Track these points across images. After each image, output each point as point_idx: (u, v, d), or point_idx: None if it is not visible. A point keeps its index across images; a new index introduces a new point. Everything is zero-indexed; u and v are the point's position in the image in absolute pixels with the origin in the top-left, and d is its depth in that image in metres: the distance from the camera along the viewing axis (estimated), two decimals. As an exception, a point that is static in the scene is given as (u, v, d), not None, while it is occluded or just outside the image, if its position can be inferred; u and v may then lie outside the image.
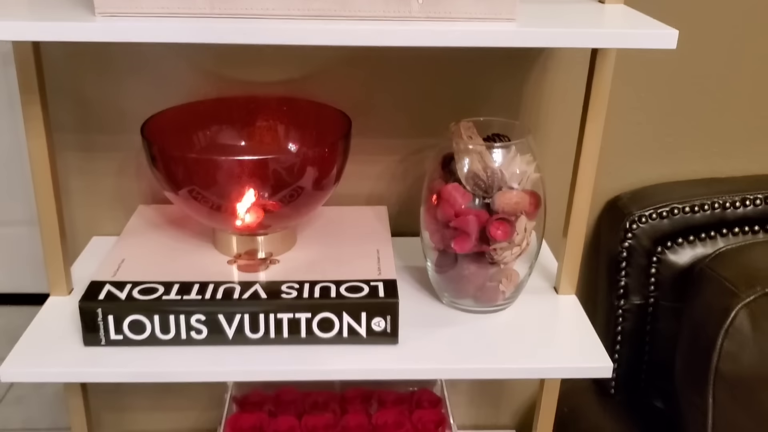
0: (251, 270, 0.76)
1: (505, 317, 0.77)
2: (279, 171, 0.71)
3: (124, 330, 0.69)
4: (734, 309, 0.72)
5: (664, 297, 0.86)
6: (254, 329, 0.70)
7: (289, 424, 0.91)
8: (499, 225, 0.71)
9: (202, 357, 0.69)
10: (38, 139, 0.70)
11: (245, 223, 0.75)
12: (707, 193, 0.86)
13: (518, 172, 0.72)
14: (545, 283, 0.82)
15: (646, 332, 0.88)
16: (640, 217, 0.85)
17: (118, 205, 0.91)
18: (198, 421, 1.04)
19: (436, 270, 0.78)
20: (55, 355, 0.69)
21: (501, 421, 1.06)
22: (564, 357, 0.71)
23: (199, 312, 0.69)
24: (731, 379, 0.71)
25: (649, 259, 0.86)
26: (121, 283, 0.71)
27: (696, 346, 0.75)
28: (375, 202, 0.92)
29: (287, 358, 0.69)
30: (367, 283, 0.72)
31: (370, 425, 0.92)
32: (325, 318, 0.70)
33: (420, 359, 0.70)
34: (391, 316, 0.70)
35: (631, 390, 0.92)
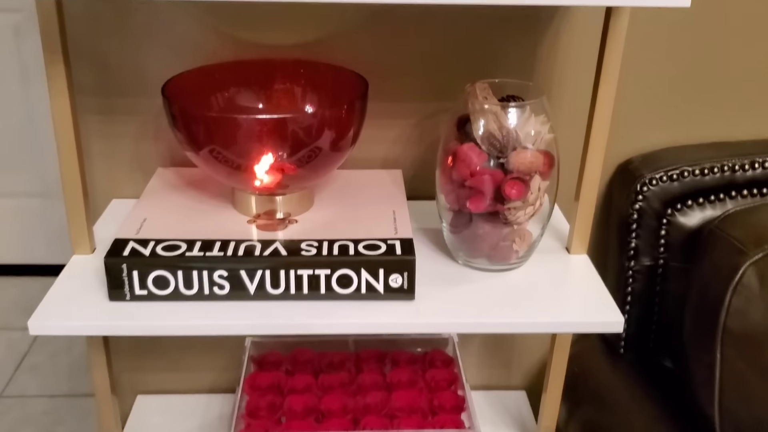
0: (270, 229, 0.77)
1: (518, 276, 0.78)
2: (297, 131, 0.72)
3: (148, 285, 0.71)
4: (742, 267, 0.73)
5: (673, 258, 0.88)
6: (275, 285, 0.72)
7: (306, 382, 0.94)
8: (514, 184, 0.72)
9: (225, 311, 0.71)
10: (61, 99, 0.72)
11: (264, 183, 0.76)
12: (717, 156, 0.87)
13: (532, 132, 0.73)
14: (557, 244, 0.84)
15: (656, 293, 0.90)
16: (651, 180, 0.86)
17: (136, 168, 0.92)
18: (215, 382, 1.06)
19: (451, 230, 0.79)
20: (81, 310, 0.71)
21: (511, 381, 1.09)
22: (576, 312, 0.73)
23: (222, 268, 0.71)
24: (739, 335, 0.73)
25: (659, 221, 0.87)
26: (145, 240, 0.73)
27: (704, 304, 0.77)
28: (390, 165, 0.93)
29: (307, 313, 0.71)
30: (385, 242, 0.74)
31: (384, 383, 0.94)
32: (344, 274, 0.72)
33: (436, 314, 0.72)
34: (408, 273, 0.72)
35: (641, 350, 0.93)
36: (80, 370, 1.84)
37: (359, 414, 0.89)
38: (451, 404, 0.91)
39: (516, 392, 1.07)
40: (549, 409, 0.89)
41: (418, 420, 0.88)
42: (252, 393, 0.92)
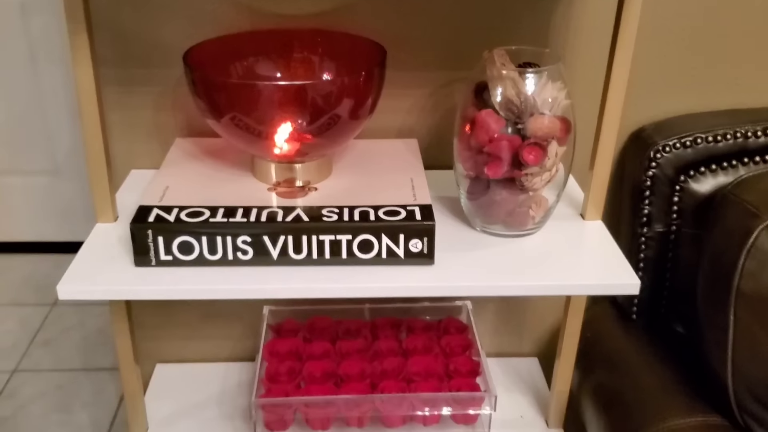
0: (290, 196, 0.79)
1: (534, 241, 0.80)
2: (316, 98, 0.73)
3: (173, 251, 0.73)
4: (756, 230, 0.75)
5: (686, 224, 0.89)
6: (297, 250, 0.73)
7: (324, 349, 0.95)
8: (532, 150, 0.73)
9: (249, 276, 0.73)
10: (85, 68, 0.73)
11: (283, 151, 0.78)
12: (730, 123, 0.88)
13: (550, 98, 0.74)
14: (572, 210, 0.85)
15: (668, 259, 0.91)
16: (664, 147, 0.87)
17: (155, 138, 0.93)
18: (233, 351, 1.08)
19: (468, 197, 0.81)
20: (108, 275, 0.72)
21: (524, 349, 1.10)
22: (592, 275, 0.74)
23: (245, 233, 0.72)
24: (752, 297, 0.74)
25: (672, 187, 0.88)
26: (168, 207, 0.75)
27: (718, 267, 0.78)
28: (405, 135, 0.94)
29: (329, 277, 0.73)
30: (404, 208, 0.75)
31: (400, 349, 0.96)
32: (365, 240, 0.73)
33: (455, 278, 0.73)
34: (428, 238, 0.73)
35: (653, 315, 0.95)
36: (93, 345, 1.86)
37: (377, 378, 0.91)
38: (466, 368, 0.93)
39: (528, 359, 1.09)
40: (562, 373, 0.91)
41: (435, 384, 0.90)
42: (271, 359, 0.94)
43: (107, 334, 1.90)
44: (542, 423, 0.97)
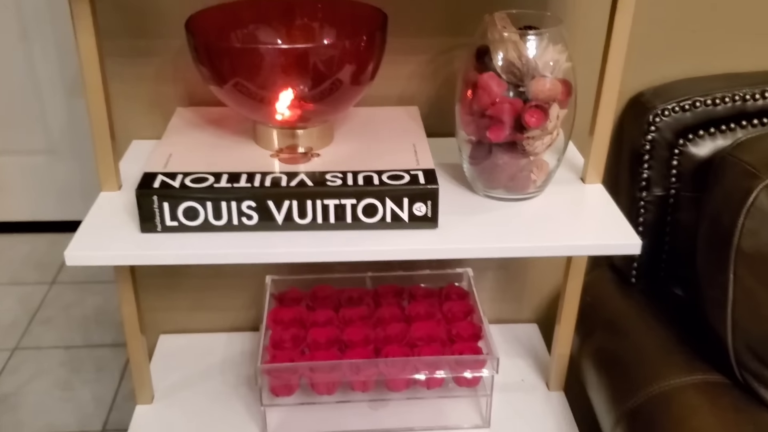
0: (293, 162, 0.79)
1: (536, 204, 0.81)
2: (318, 63, 0.73)
3: (178, 216, 0.73)
4: (755, 189, 0.76)
5: (685, 188, 0.90)
6: (302, 215, 0.74)
7: (327, 316, 0.96)
8: (534, 112, 0.74)
9: (254, 241, 0.73)
10: (88, 37, 0.73)
11: (285, 117, 0.78)
12: (728, 87, 0.88)
13: (551, 61, 0.74)
14: (573, 175, 0.86)
15: (667, 222, 0.92)
16: (663, 111, 0.88)
17: (155, 109, 0.93)
18: (236, 321, 1.09)
19: (471, 162, 0.81)
20: (115, 241, 0.73)
21: (523, 315, 1.12)
22: (593, 235, 0.75)
23: (250, 198, 0.73)
24: (752, 255, 0.75)
25: (671, 151, 0.89)
26: (173, 173, 0.75)
27: (718, 227, 0.79)
28: (406, 102, 0.94)
29: (335, 241, 0.73)
30: (407, 172, 0.76)
31: (403, 316, 0.97)
32: (370, 204, 0.74)
33: (459, 240, 0.74)
34: (432, 202, 0.74)
35: (652, 278, 0.96)
36: (93, 322, 1.87)
37: (380, 344, 0.92)
38: (468, 333, 0.94)
39: (528, 325, 1.11)
40: (563, 336, 0.92)
41: (438, 348, 0.91)
42: (275, 327, 0.95)
43: (107, 311, 1.90)
44: (543, 386, 0.98)
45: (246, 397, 0.96)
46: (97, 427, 1.56)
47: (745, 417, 0.75)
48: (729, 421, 0.74)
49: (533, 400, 0.96)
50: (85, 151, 2.09)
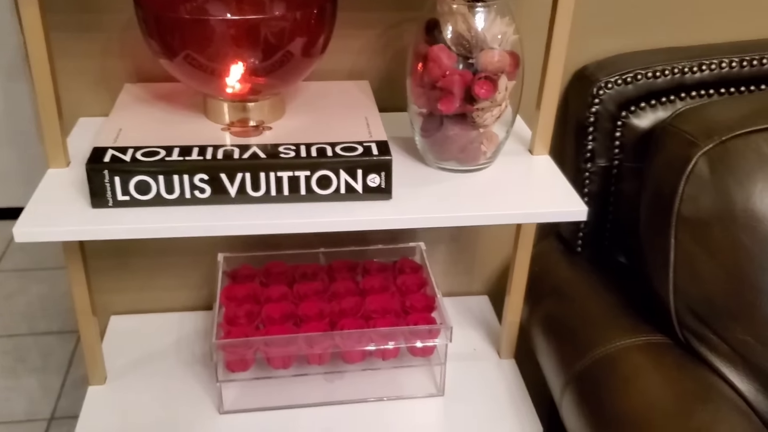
0: (245, 135, 0.79)
1: (486, 175, 0.82)
2: (269, 35, 0.73)
3: (130, 191, 0.73)
4: (694, 157, 0.79)
5: (627, 159, 0.93)
6: (255, 188, 0.74)
7: (281, 292, 0.97)
8: (483, 84, 0.75)
9: (207, 214, 0.73)
10: (32, 9, 0.71)
11: (236, 89, 0.78)
12: (668, 60, 0.92)
13: (499, 34, 0.76)
14: (521, 147, 0.88)
15: (611, 193, 0.95)
16: (607, 84, 0.91)
17: (102, 86, 0.92)
18: (188, 301, 1.08)
19: (422, 134, 0.82)
20: (66, 217, 0.72)
21: (474, 288, 1.14)
22: (541, 203, 0.77)
23: (202, 171, 0.73)
24: (692, 220, 0.79)
25: (614, 123, 0.92)
26: (123, 147, 0.74)
27: (659, 194, 0.82)
28: (357, 77, 0.95)
29: (289, 214, 0.74)
30: (361, 144, 0.76)
31: (357, 290, 0.98)
32: (324, 175, 0.74)
33: (413, 210, 0.75)
34: (386, 173, 0.75)
35: (596, 248, 0.99)
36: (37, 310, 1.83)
37: (335, 317, 0.93)
38: (422, 304, 0.95)
39: (479, 297, 1.13)
40: (513, 304, 0.95)
41: (392, 320, 0.93)
42: (229, 304, 0.95)
43: (52, 299, 1.87)
44: (494, 355, 1.01)
45: (201, 374, 0.95)
46: (46, 414, 1.53)
47: (687, 374, 0.79)
48: (672, 379, 0.78)
49: (485, 368, 0.98)
50: (25, 136, 2.03)
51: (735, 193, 0.77)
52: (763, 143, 0.77)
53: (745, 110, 0.82)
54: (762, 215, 0.76)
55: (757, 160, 0.77)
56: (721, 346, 0.79)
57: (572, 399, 0.83)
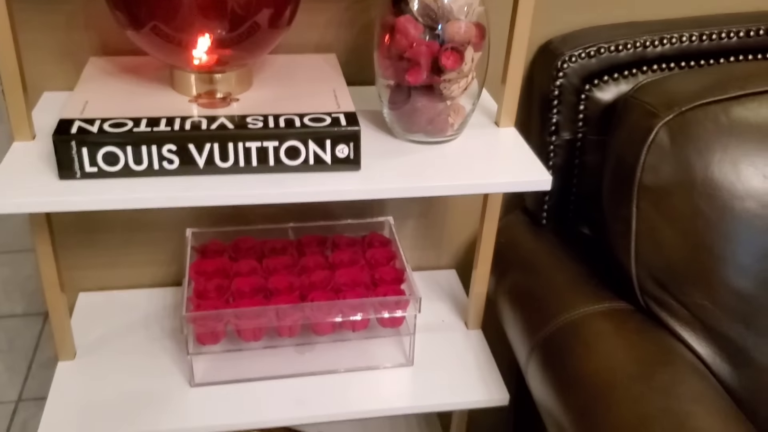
0: (212, 107, 0.79)
1: (454, 147, 0.84)
2: (235, 6, 0.73)
3: (98, 162, 0.72)
4: (655, 128, 0.81)
5: (591, 131, 0.95)
6: (224, 158, 0.74)
7: (251, 266, 0.97)
8: (450, 54, 0.76)
9: (176, 185, 0.73)
10: (-7, -23, 0.70)
11: (203, 61, 0.78)
12: (630, 34, 0.93)
13: (465, 6, 0.77)
14: (487, 120, 0.90)
15: (575, 165, 0.97)
16: (571, 57, 0.92)
17: (67, 59, 0.91)
18: (157, 276, 1.08)
19: (390, 107, 0.83)
20: (33, 188, 0.71)
21: (442, 262, 1.15)
22: (507, 173, 0.79)
23: (170, 142, 0.72)
24: (652, 189, 0.81)
25: (578, 96, 0.94)
26: (90, 119, 0.74)
27: (621, 165, 0.84)
28: (324, 50, 0.95)
29: (258, 184, 0.74)
30: (329, 115, 0.77)
31: (327, 263, 0.99)
32: (292, 146, 0.75)
33: (381, 181, 0.76)
34: (354, 144, 0.76)
35: (561, 220, 1.01)
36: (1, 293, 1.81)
37: (305, 290, 0.93)
38: (391, 277, 0.97)
39: (446, 271, 1.14)
40: (480, 276, 0.97)
41: (362, 292, 0.94)
42: (198, 278, 0.95)
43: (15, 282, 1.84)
44: (462, 326, 1.02)
45: (171, 348, 0.96)
46: (13, 397, 1.52)
47: (648, 338, 0.81)
48: (633, 342, 0.80)
49: (453, 339, 1.00)
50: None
51: (694, 162, 0.79)
52: (722, 113, 0.80)
53: (705, 82, 0.84)
54: (720, 183, 0.78)
55: (716, 130, 0.79)
56: (681, 311, 0.82)
57: (537, 364, 0.85)
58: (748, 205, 0.77)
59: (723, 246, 0.78)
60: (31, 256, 1.90)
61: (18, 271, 1.88)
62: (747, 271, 0.78)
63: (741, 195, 0.78)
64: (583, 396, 0.77)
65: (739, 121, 0.79)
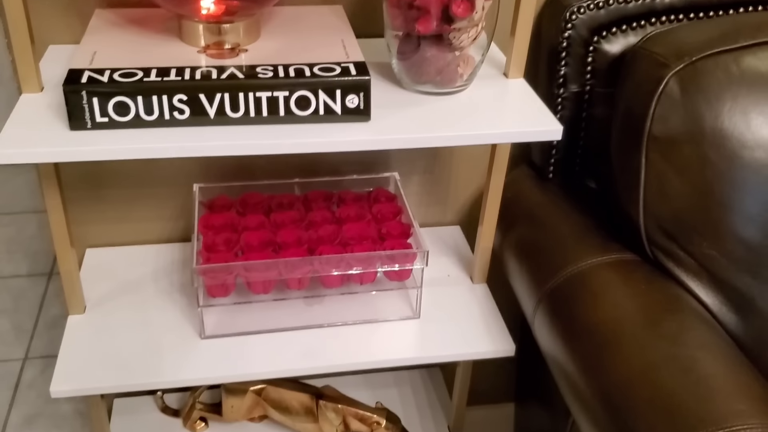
0: (221, 57, 0.79)
1: (463, 97, 0.83)
2: (246, -44, 0.73)
3: (109, 112, 0.72)
4: (665, 78, 0.81)
5: (599, 84, 0.94)
6: (234, 108, 0.74)
7: (259, 220, 0.97)
8: (461, 2, 0.76)
9: (186, 135, 0.73)
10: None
11: (211, 10, 0.77)
12: (638, -15, 0.93)
13: (475, -46, 0.76)
14: (496, 71, 0.89)
15: (582, 119, 0.97)
16: (579, 9, 0.92)
17: (72, 12, 0.90)
18: (164, 232, 1.08)
19: (399, 57, 0.83)
20: (45, 138, 0.71)
21: (447, 219, 1.16)
22: (517, 123, 0.79)
23: (181, 92, 0.72)
24: (662, 139, 0.81)
25: (586, 48, 0.93)
26: (100, 69, 0.73)
27: (630, 116, 0.84)
28: (330, 2, 0.94)
29: (269, 134, 0.74)
30: (338, 65, 0.77)
31: (334, 218, 0.99)
32: (302, 96, 0.74)
33: (391, 131, 0.76)
34: (364, 93, 0.76)
35: (568, 174, 1.02)
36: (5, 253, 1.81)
37: (314, 244, 0.94)
38: (398, 231, 0.97)
39: (451, 227, 1.15)
40: (486, 229, 0.97)
41: (369, 246, 0.94)
42: (207, 232, 0.95)
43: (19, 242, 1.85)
44: (467, 280, 1.03)
45: (180, 302, 0.96)
46: (20, 355, 1.53)
47: (655, 287, 0.82)
48: (641, 292, 0.81)
49: (459, 293, 1.01)
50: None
51: (704, 112, 0.79)
52: (732, 63, 0.80)
53: (714, 32, 0.84)
54: (729, 133, 0.78)
55: (726, 80, 0.79)
56: (688, 261, 0.83)
57: (545, 315, 0.86)
58: (757, 155, 0.78)
59: (731, 195, 0.79)
60: (34, 217, 1.90)
61: (21, 231, 1.88)
62: (755, 220, 0.79)
63: (750, 144, 0.78)
64: (591, 344, 0.78)
65: (749, 71, 0.79)
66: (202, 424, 1.10)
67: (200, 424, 1.10)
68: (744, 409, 0.67)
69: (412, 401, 1.18)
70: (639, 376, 0.72)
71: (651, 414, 0.68)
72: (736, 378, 0.71)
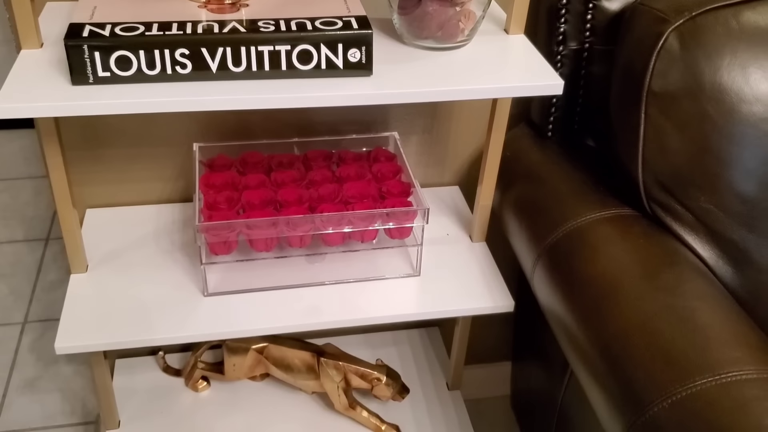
0: (222, 12, 0.78)
1: (464, 53, 0.84)
2: None
3: (111, 66, 0.72)
4: (665, 33, 0.81)
5: (598, 41, 0.95)
6: (236, 62, 0.74)
7: (260, 179, 0.98)
8: (462, -44, 0.76)
9: (189, 89, 0.73)
10: None
11: (214, -33, 0.77)
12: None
13: None
14: (497, 27, 0.89)
15: (581, 76, 0.98)
16: (579, -35, 0.91)
17: (68, -32, 0.90)
18: (164, 192, 1.08)
19: (401, 12, 0.83)
20: (46, 93, 0.71)
21: (445, 179, 1.17)
22: (519, 78, 0.79)
23: (183, 46, 0.72)
24: (661, 95, 0.82)
25: (585, 5, 0.93)
26: (101, 23, 0.73)
27: (630, 71, 0.84)
28: (329, -41, 0.94)
29: (270, 89, 0.74)
30: (340, 19, 0.77)
31: (334, 177, 1.00)
32: (305, 50, 0.74)
33: (393, 86, 0.76)
34: (366, 47, 0.76)
35: (566, 132, 1.02)
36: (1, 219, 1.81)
37: (314, 203, 0.94)
38: (398, 190, 0.98)
39: (450, 188, 1.16)
40: (486, 188, 0.98)
41: (370, 204, 0.95)
42: (208, 191, 0.96)
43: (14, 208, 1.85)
44: (467, 239, 1.04)
45: (183, 261, 0.97)
46: (19, 318, 1.54)
47: (653, 241, 0.83)
48: (639, 246, 0.82)
49: (458, 251, 1.02)
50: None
51: (704, 67, 0.79)
52: (732, 18, 0.80)
53: (714, -12, 0.84)
54: (728, 88, 0.79)
55: (725, 35, 0.79)
56: (686, 216, 0.84)
57: (544, 270, 0.88)
58: (755, 109, 0.78)
59: (729, 150, 0.80)
60: (29, 183, 1.90)
61: (16, 197, 1.87)
62: (752, 174, 0.80)
63: (749, 99, 0.78)
64: (590, 296, 0.79)
65: (749, 26, 0.79)
66: (204, 383, 1.12)
67: (202, 383, 1.11)
68: (740, 356, 0.68)
69: (411, 360, 1.20)
70: (637, 326, 0.73)
71: (649, 362, 0.70)
72: (732, 327, 0.72)
